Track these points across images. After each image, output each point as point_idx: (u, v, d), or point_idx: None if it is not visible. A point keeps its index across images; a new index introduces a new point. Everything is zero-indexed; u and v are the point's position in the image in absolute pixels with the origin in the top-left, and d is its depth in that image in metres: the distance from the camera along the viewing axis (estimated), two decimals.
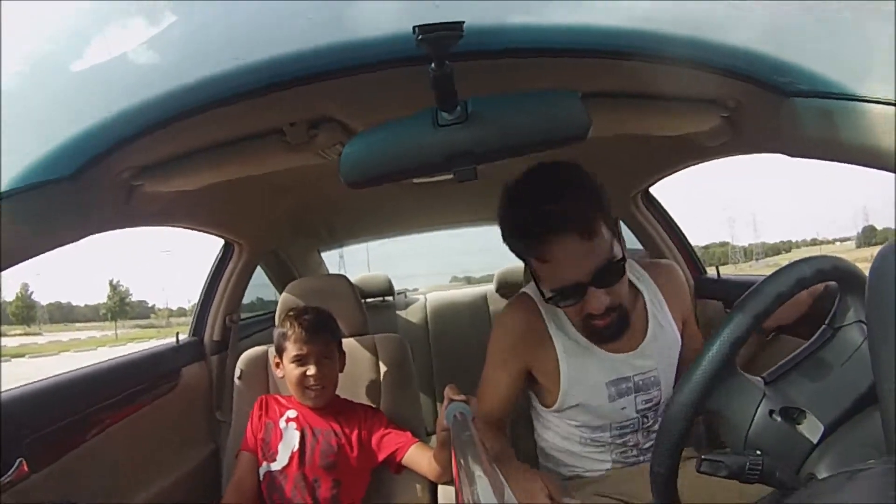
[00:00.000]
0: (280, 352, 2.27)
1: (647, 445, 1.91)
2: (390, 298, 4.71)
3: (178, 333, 3.02)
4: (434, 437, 2.03)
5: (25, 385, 2.00)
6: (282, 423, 2.25)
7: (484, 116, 1.23)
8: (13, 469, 1.70)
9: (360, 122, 1.77)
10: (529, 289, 1.93)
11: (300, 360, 2.20)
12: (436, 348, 4.44)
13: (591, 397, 1.84)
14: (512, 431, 2.15)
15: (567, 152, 1.42)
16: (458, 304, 4.61)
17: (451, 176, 1.26)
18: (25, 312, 74.93)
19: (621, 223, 2.17)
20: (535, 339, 1.85)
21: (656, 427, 1.86)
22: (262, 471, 2.22)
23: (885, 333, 0.88)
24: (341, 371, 2.33)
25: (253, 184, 2.16)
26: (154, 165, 1.80)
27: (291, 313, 2.32)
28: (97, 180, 1.63)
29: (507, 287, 4.43)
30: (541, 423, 2.05)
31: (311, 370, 2.18)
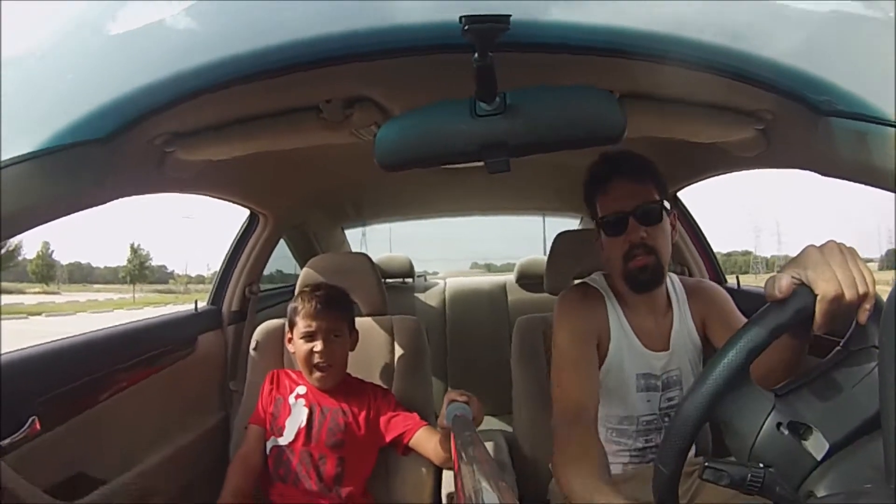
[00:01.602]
0: (291, 326, 2.29)
1: None
2: (410, 280, 4.74)
3: (196, 301, 3.04)
4: None
5: (40, 344, 2.02)
6: (291, 399, 2.27)
7: (521, 110, 1.24)
8: (26, 426, 1.71)
9: (397, 104, 1.77)
10: (589, 279, 2.11)
11: (308, 336, 2.22)
12: (452, 334, 4.46)
13: (622, 383, 1.95)
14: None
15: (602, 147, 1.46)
16: (478, 292, 4.64)
17: (481, 163, 1.27)
18: (45, 271, 75.17)
19: None
20: (599, 313, 1.98)
21: None
22: (269, 445, 2.24)
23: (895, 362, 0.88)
24: (352, 350, 2.35)
25: (283, 157, 2.19)
26: (187, 133, 1.81)
27: (306, 288, 2.34)
28: (130, 144, 1.64)
29: (527, 278, 4.49)
30: None
31: (318, 346, 2.19)
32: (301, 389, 2.29)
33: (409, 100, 1.66)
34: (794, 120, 1.61)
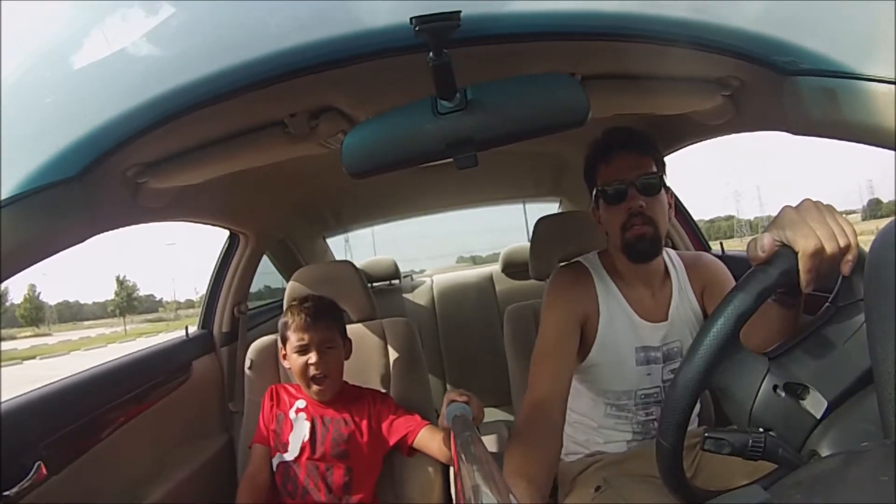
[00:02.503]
0: (284, 342, 2.29)
1: None
2: (397, 282, 4.75)
3: (186, 327, 3.03)
4: None
5: (38, 388, 2.01)
6: (292, 414, 2.27)
7: (483, 103, 1.24)
8: (32, 473, 1.70)
9: (362, 111, 1.77)
10: (582, 258, 2.13)
11: (302, 350, 2.22)
12: (444, 330, 4.47)
13: (618, 358, 1.98)
14: None
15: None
16: (465, 285, 4.66)
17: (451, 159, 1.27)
18: (34, 314, 75.09)
19: None
20: (585, 291, 2.00)
21: None
22: (275, 461, 2.24)
23: (883, 314, 0.88)
24: (347, 359, 2.35)
25: (257, 175, 2.17)
26: (158, 162, 1.81)
27: (294, 302, 2.33)
28: (103, 179, 1.63)
29: (513, 266, 4.52)
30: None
31: (313, 358, 2.20)
32: (301, 403, 2.29)
33: (373, 105, 1.66)
34: (761, 83, 1.63)
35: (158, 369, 2.63)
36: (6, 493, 1.61)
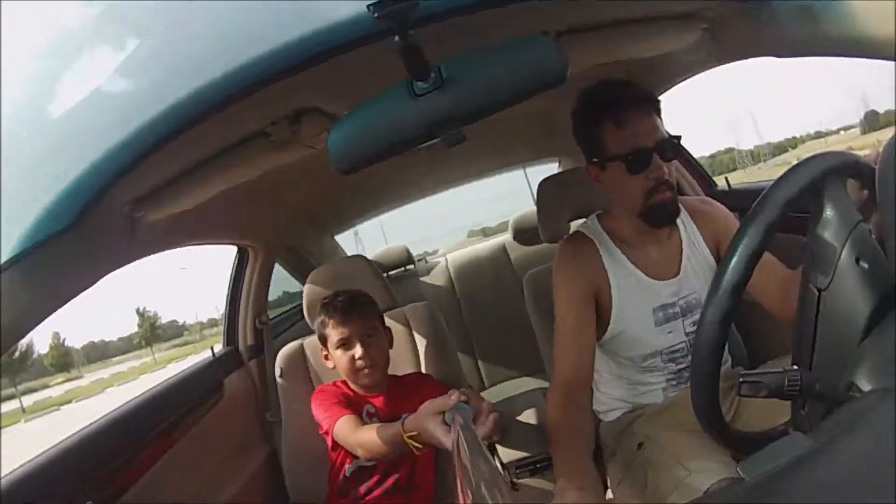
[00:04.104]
0: (324, 341, 2.27)
1: None
2: (412, 267, 4.75)
3: (212, 346, 3.04)
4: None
5: (77, 431, 2.01)
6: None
7: (459, 78, 1.22)
8: None
9: (340, 105, 1.76)
10: (580, 226, 2.09)
11: (345, 344, 2.20)
12: (466, 306, 4.48)
13: (638, 323, 1.95)
14: None
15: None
16: (479, 259, 4.68)
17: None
18: (62, 360, 75.50)
19: None
20: (592, 263, 1.95)
21: None
22: (349, 469, 2.22)
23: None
24: (391, 347, 2.34)
25: (252, 187, 2.16)
26: (149, 194, 1.79)
27: (326, 300, 2.31)
28: (99, 222, 1.62)
29: (523, 233, 4.53)
30: (597, 359, 2.03)
31: (358, 351, 2.17)
32: (371, 408, 2.25)
33: (351, 98, 1.64)
34: (737, 11, 1.61)
35: (191, 393, 2.63)
36: None
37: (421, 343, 2.57)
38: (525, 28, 1.53)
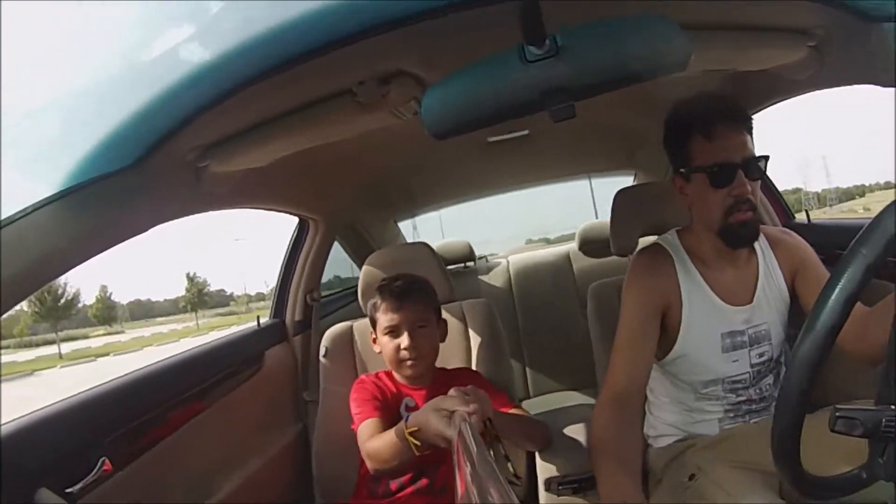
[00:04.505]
0: (374, 325, 2.18)
1: (759, 399, 1.94)
2: (471, 264, 4.68)
3: (258, 316, 2.99)
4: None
5: (105, 382, 1.97)
6: (402, 412, 2.13)
7: (576, 49, 1.14)
8: (97, 469, 1.64)
9: (435, 73, 1.66)
10: (661, 239, 2.05)
11: (392, 331, 2.11)
12: (521, 311, 4.38)
13: (704, 347, 1.90)
14: None
15: (651, 92, 1.33)
16: (542, 265, 4.55)
17: (526, 132, 1.19)
18: (106, 313, 77.21)
19: None
20: (667, 279, 1.92)
21: (767, 382, 1.95)
22: None
23: None
24: (443, 341, 2.24)
25: (323, 158, 2.16)
26: (219, 143, 1.73)
27: (384, 282, 2.24)
28: (162, 165, 1.57)
29: (590, 244, 4.39)
30: (652, 382, 2.04)
31: (405, 341, 2.08)
32: (410, 401, 2.17)
33: (448, 66, 1.56)
34: (847, 31, 1.53)
35: (230, 360, 2.58)
36: (69, 489, 1.56)
37: (475, 340, 2.48)
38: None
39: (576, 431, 2.12)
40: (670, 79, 1.43)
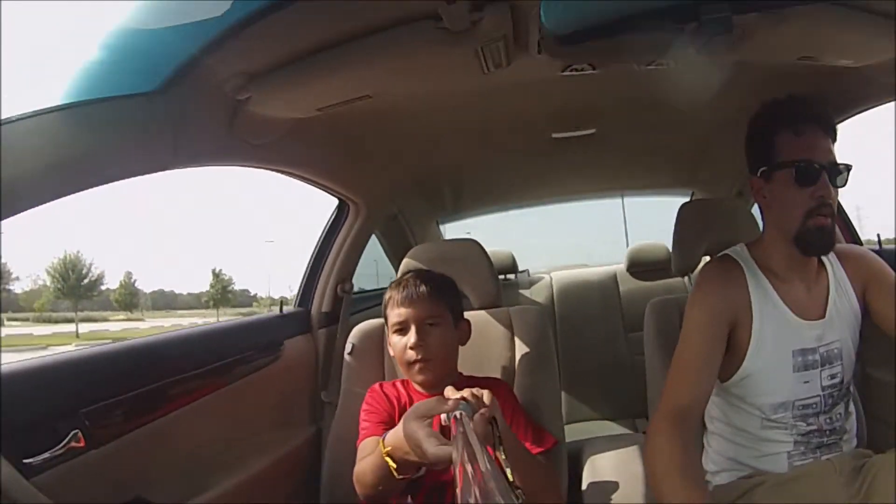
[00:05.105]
0: (387, 323, 2.03)
1: (830, 431, 1.84)
2: (512, 277, 4.56)
3: (282, 302, 2.80)
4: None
5: (91, 346, 1.78)
6: None
7: None
8: (65, 441, 1.45)
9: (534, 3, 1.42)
10: (730, 251, 1.97)
11: (400, 329, 1.95)
12: (562, 331, 4.22)
13: (774, 365, 1.82)
14: None
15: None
16: (587, 284, 4.45)
17: (592, 131, 0.99)
18: (129, 299, 78.31)
19: None
20: (737, 290, 1.85)
21: (839, 410, 1.86)
22: None
23: None
24: (463, 343, 2.06)
25: (375, 134, 2.08)
26: (265, 72, 1.53)
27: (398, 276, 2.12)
28: (193, 93, 1.41)
29: (639, 266, 4.34)
30: (713, 406, 1.94)
31: (411, 339, 1.91)
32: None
33: None
34: None
35: (244, 344, 2.35)
36: (28, 460, 1.36)
37: (521, 350, 2.24)
38: None
39: (625, 460, 2.07)
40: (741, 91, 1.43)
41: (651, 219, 5.44)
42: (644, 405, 2.21)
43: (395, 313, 1.95)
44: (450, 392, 1.53)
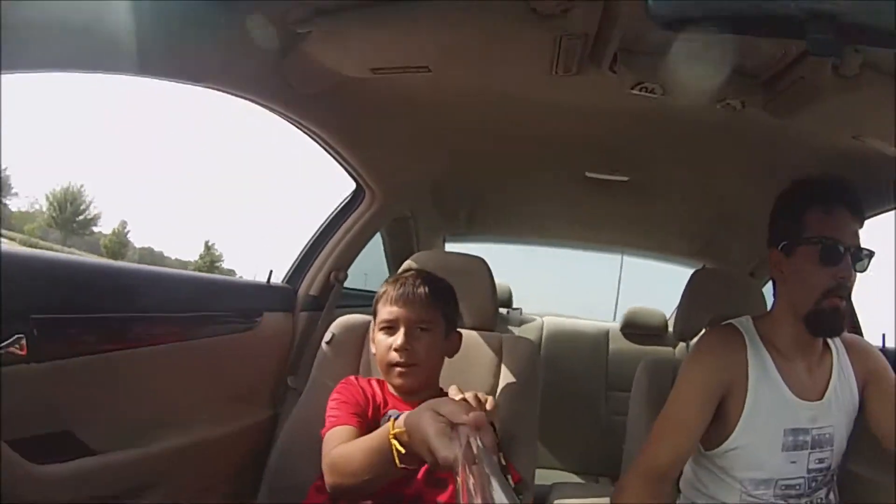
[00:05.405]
0: (375, 318, 1.93)
1: None
2: (504, 312, 4.52)
3: (270, 271, 2.68)
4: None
5: (64, 254, 1.64)
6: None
7: None
8: (6, 342, 1.37)
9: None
10: (735, 321, 1.96)
11: (388, 328, 1.85)
12: (545, 377, 4.08)
13: (764, 440, 1.82)
14: None
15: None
16: (578, 336, 4.47)
17: (626, 178, 0.92)
18: (117, 248, 78.16)
19: None
20: (735, 360, 1.85)
21: (820, 495, 1.86)
22: None
23: None
24: (450, 356, 1.97)
25: (413, 120, 2.07)
26: (332, 10, 1.49)
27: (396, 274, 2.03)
28: (255, 11, 1.39)
29: (633, 327, 4.37)
30: (693, 474, 1.96)
31: (399, 340, 1.80)
32: (393, 412, 1.85)
33: None
34: None
35: (222, 302, 2.29)
36: None
37: (505, 379, 2.18)
38: None
39: None
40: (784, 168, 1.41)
41: (646, 282, 5.67)
42: (611, 465, 2.25)
43: (387, 310, 1.85)
44: (454, 392, 1.53)
